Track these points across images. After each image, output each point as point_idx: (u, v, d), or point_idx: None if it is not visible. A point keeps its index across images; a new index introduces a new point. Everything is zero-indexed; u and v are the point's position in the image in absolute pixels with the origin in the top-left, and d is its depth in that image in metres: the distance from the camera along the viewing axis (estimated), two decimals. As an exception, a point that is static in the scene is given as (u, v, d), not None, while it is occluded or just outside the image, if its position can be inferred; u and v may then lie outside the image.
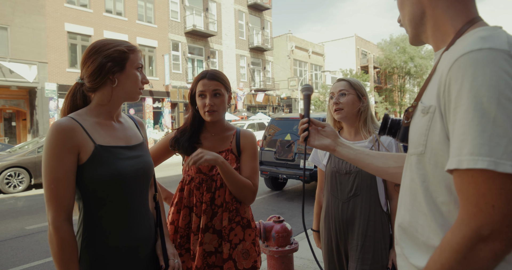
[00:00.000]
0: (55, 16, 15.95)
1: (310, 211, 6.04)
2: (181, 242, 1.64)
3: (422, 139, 0.78)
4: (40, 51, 15.30)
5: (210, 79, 1.62)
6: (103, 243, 1.21)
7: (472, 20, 0.78)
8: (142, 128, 1.50)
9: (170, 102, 20.69)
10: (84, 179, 1.19)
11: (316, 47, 34.77)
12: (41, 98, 15.43)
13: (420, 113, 0.80)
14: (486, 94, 0.62)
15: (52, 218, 1.13)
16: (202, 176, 1.63)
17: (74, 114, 1.25)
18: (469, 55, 0.66)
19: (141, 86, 1.34)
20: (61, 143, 1.14)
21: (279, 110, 29.25)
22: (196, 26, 21.54)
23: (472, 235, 0.63)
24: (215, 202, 1.61)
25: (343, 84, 1.82)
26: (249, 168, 1.67)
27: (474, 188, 0.63)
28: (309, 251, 3.83)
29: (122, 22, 18.57)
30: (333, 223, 1.79)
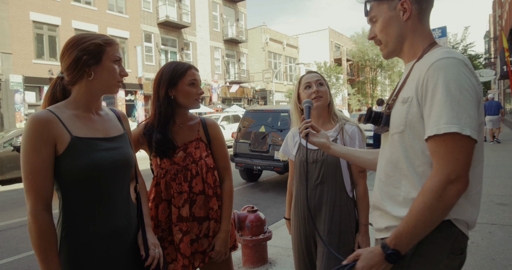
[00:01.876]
0: (19, 4, 15.21)
1: (285, 202, 6.18)
2: (164, 236, 1.68)
3: (403, 120, 1.10)
4: (3, 41, 14.58)
5: (197, 71, 1.77)
6: (82, 233, 1.24)
7: (433, 43, 1.17)
8: (124, 121, 1.52)
9: (143, 94, 20.29)
10: (61, 170, 1.22)
11: (290, 39, 34.93)
12: (6, 91, 14.76)
13: (400, 104, 1.13)
14: (453, 85, 0.98)
15: (30, 208, 1.16)
16: (177, 167, 1.68)
17: (52, 107, 1.28)
18: (441, 61, 1.02)
19: (119, 79, 1.35)
20: (38, 134, 1.17)
21: (254, 102, 29.32)
22: (169, 17, 21.13)
23: (444, 179, 0.96)
24: (192, 190, 1.68)
25: (318, 75, 1.93)
26: (223, 157, 1.83)
27: (445, 147, 0.97)
28: (282, 240, 3.95)
29: (91, 12, 17.94)
30: (301, 210, 1.87)
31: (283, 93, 32.13)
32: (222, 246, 1.71)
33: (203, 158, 1.72)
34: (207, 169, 1.71)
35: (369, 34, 1.25)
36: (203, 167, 1.70)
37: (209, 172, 1.73)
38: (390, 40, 1.19)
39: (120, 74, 1.35)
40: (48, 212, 1.19)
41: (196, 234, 1.68)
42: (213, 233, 1.73)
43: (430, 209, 0.97)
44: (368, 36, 1.27)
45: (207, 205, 1.71)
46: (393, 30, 1.17)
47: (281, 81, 32.95)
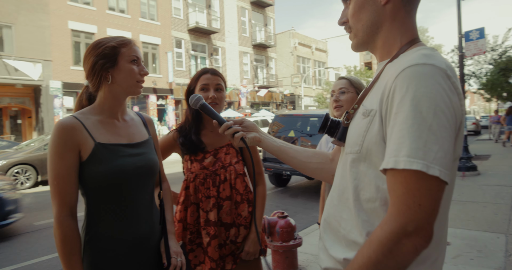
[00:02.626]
0: (59, 14, 16.01)
1: (314, 207, 6.09)
2: (192, 238, 1.70)
3: (360, 139, 0.84)
4: (44, 49, 15.38)
5: (213, 74, 1.75)
6: (105, 238, 1.25)
7: (414, 40, 0.88)
8: (150, 126, 1.51)
9: (173, 99, 20.74)
10: (85, 176, 1.23)
11: (319, 43, 34.65)
12: (46, 96, 15.53)
13: (360, 115, 0.87)
14: (425, 104, 0.70)
15: (55, 213, 1.19)
16: (206, 172, 1.70)
17: (78, 113, 1.30)
18: (415, 67, 0.74)
19: (138, 78, 1.32)
20: (62, 141, 1.19)
21: (283, 107, 29.25)
22: (199, 23, 21.53)
23: (398, 230, 0.69)
24: (220, 195, 1.69)
25: (343, 82, 1.89)
26: (255, 163, 1.79)
27: (405, 187, 0.69)
28: (313, 246, 3.88)
29: (125, 20, 18.60)
30: None
31: (312, 98, 31.87)
32: (251, 247, 1.71)
33: (233, 164, 1.73)
34: (236, 175, 1.72)
35: (340, 18, 0.98)
36: (232, 173, 1.71)
37: (238, 178, 1.72)
38: (361, 28, 0.91)
39: (140, 74, 1.33)
40: (73, 218, 1.21)
41: (224, 240, 1.69)
42: (242, 240, 1.73)
43: (376, 266, 0.71)
44: (338, 20, 1.00)
45: (234, 211, 1.71)
46: (366, 16, 0.89)
47: (310, 85, 32.70)
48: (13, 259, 4.17)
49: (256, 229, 1.71)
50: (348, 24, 0.96)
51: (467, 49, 8.78)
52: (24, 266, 3.96)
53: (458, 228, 4.31)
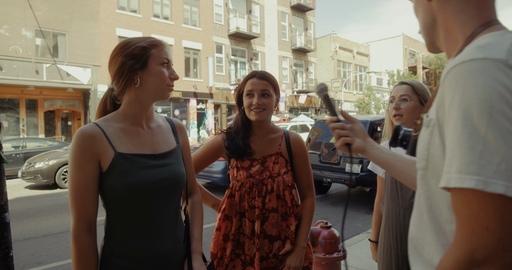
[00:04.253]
0: (108, 22, 16.84)
1: (356, 217, 5.84)
2: (232, 248, 1.61)
3: (424, 153, 0.74)
4: (93, 55, 16.22)
5: (260, 78, 1.62)
6: (123, 253, 1.16)
7: (485, 24, 0.71)
8: (180, 132, 1.39)
9: (213, 103, 21.07)
10: (105, 187, 1.15)
11: (361, 47, 33.85)
12: (94, 99, 16.35)
13: (424, 127, 0.76)
14: (476, 108, 0.57)
15: (72, 227, 1.11)
16: (252, 180, 1.61)
17: (100, 120, 1.21)
18: (461, 66, 0.62)
19: (169, 83, 1.23)
20: (81, 151, 1.12)
21: (322, 112, 28.80)
22: (240, 28, 21.77)
23: (465, 259, 0.58)
24: (265, 206, 1.59)
25: (405, 89, 1.70)
26: (306, 174, 1.72)
27: (467, 207, 0.58)
28: (356, 259, 3.68)
29: (168, 26, 19.22)
30: (393, 232, 1.69)
31: (352, 103, 31.12)
32: (293, 261, 1.58)
33: (281, 174, 1.62)
34: (284, 187, 1.61)
35: None
36: (280, 184, 1.61)
37: (287, 190, 1.62)
38: (422, 31, 0.85)
39: (170, 77, 1.23)
40: (90, 233, 1.12)
41: (266, 253, 1.60)
42: (284, 253, 1.62)
43: None
44: None
45: (280, 223, 1.61)
46: (421, 17, 0.83)
47: (351, 90, 31.97)
48: (60, 255, 4.33)
49: (300, 244, 1.61)
50: None
51: None
52: (70, 263, 4.09)
53: None
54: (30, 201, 7.64)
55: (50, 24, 15.00)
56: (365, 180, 6.14)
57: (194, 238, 1.32)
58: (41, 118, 16.15)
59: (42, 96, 16.00)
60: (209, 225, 5.60)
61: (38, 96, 15.88)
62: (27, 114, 15.66)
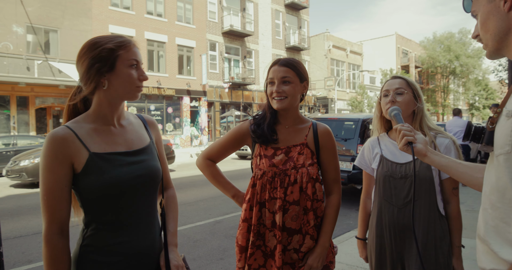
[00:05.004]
0: (100, 19, 16.70)
1: (347, 214, 5.89)
2: (254, 240, 1.55)
3: (508, 139, 0.87)
4: (86, 52, 16.07)
5: (281, 65, 1.57)
6: (103, 249, 1.17)
7: None
8: (152, 128, 1.39)
9: (206, 101, 21.03)
10: (80, 187, 1.15)
11: (354, 46, 33.99)
12: (87, 97, 16.21)
13: (504, 118, 0.91)
14: None
15: (44, 231, 1.11)
16: (275, 170, 1.54)
17: (71, 122, 1.20)
18: None
19: (138, 84, 1.21)
20: (53, 154, 1.11)
21: (315, 110, 28.89)
22: (233, 26, 21.73)
23: None
24: (286, 198, 1.52)
25: (400, 82, 1.69)
26: (333, 168, 1.63)
27: None
28: (347, 256, 3.72)
29: (162, 23, 19.11)
30: (387, 231, 1.67)
31: (345, 101, 31.27)
32: (315, 261, 1.53)
33: (306, 166, 1.54)
34: (308, 179, 1.52)
35: (473, 32, 1.03)
36: (304, 176, 1.52)
37: (310, 182, 1.53)
38: (490, 37, 0.95)
39: (139, 79, 1.22)
40: (62, 236, 1.12)
41: (284, 245, 1.53)
42: (306, 249, 1.55)
43: None
44: (472, 34, 1.04)
45: (301, 217, 1.54)
46: (492, 25, 0.93)
47: (344, 88, 32.11)
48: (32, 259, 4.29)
49: (323, 243, 1.55)
50: (479, 37, 1.00)
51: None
52: (61, 261, 4.06)
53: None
54: (20, 199, 7.57)
55: (42, 21, 14.84)
56: (357, 178, 6.20)
57: (170, 231, 1.33)
58: (32, 115, 15.99)
59: (33, 93, 15.83)
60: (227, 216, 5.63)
61: (29, 93, 15.71)
62: (18, 111, 15.48)
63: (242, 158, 15.58)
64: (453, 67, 36.60)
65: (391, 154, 1.71)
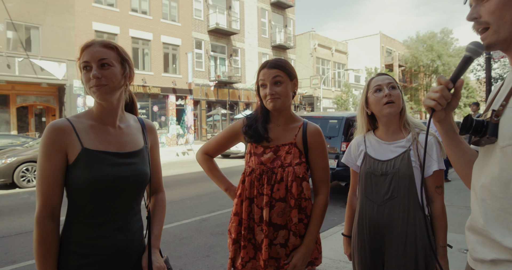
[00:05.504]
0: (83, 15, 16.43)
1: (332, 211, 6.00)
2: (245, 234, 1.61)
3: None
4: (69, 49, 15.81)
5: (270, 68, 1.61)
6: (81, 242, 1.21)
7: None
8: (150, 133, 1.44)
9: (192, 99, 20.94)
10: (69, 179, 1.21)
11: (339, 45, 34.33)
12: (70, 95, 15.96)
13: (511, 110, 0.93)
14: None
15: (36, 213, 1.18)
16: (263, 168, 1.60)
17: (73, 116, 1.28)
18: None
19: (91, 85, 1.23)
20: (50, 142, 1.18)
21: (301, 108, 29.09)
22: (219, 24, 21.68)
23: None
24: (273, 195, 1.58)
25: (390, 78, 1.69)
26: (321, 168, 1.66)
27: None
28: (330, 251, 3.81)
29: (147, 21, 18.92)
30: (367, 228, 1.68)
31: (331, 100, 31.58)
32: (299, 260, 1.58)
33: (293, 165, 1.59)
34: (293, 178, 1.57)
35: (470, 13, 0.98)
36: (289, 175, 1.57)
37: (296, 181, 1.58)
38: (504, 25, 0.92)
39: (91, 78, 1.23)
40: (53, 220, 1.18)
41: (271, 240, 1.60)
42: (292, 247, 1.61)
43: None
44: (468, 15, 0.98)
45: (287, 214, 1.59)
46: (509, 14, 0.90)
47: (329, 87, 32.42)
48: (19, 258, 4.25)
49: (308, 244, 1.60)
50: (480, 20, 0.95)
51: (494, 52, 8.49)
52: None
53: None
54: (2, 199, 7.43)
55: (22, 17, 14.51)
56: (341, 175, 6.31)
57: (154, 234, 1.38)
58: (13, 114, 15.64)
59: (14, 91, 15.49)
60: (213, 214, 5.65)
61: (10, 91, 15.37)
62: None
63: (225, 157, 15.62)
64: (436, 66, 37.37)
65: (375, 151, 1.72)
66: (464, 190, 7.02)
